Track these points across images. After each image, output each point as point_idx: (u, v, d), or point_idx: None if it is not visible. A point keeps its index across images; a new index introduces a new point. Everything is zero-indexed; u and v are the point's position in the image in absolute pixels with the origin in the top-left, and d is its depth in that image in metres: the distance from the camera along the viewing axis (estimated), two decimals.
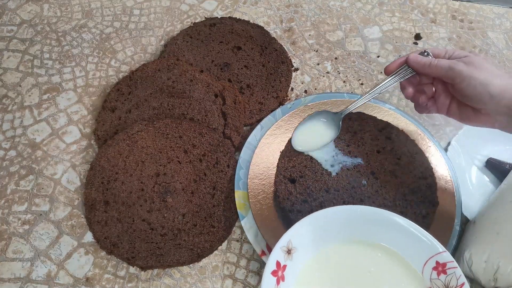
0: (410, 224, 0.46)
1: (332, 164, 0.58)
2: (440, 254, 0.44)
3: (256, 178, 0.57)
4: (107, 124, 0.63)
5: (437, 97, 0.51)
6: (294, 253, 0.45)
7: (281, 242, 0.44)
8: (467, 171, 0.61)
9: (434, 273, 0.44)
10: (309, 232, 0.46)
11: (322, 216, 0.46)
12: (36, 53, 0.72)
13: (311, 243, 0.46)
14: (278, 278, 0.43)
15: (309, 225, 0.46)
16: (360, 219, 0.47)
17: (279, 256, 0.44)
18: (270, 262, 0.43)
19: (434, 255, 0.44)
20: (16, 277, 0.53)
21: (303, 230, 0.46)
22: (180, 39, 0.72)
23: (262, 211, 0.55)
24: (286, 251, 0.45)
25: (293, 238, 0.45)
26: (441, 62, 0.48)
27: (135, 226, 0.55)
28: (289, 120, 0.62)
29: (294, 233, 0.45)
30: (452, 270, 0.43)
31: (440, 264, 0.43)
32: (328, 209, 0.47)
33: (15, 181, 0.60)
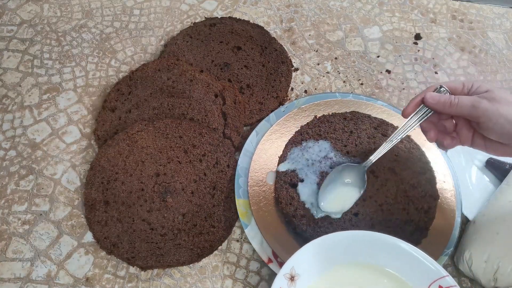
0: (413, 249, 0.46)
1: (331, 166, 0.58)
2: (443, 278, 0.44)
3: (256, 185, 0.57)
4: (107, 124, 0.63)
5: (459, 130, 0.48)
6: (297, 280, 0.45)
7: (284, 269, 0.44)
8: (467, 171, 0.61)
9: None
10: (312, 258, 0.46)
11: (325, 242, 0.46)
12: (36, 53, 0.72)
13: (314, 268, 0.46)
14: None
15: (312, 251, 0.46)
16: (363, 244, 0.47)
17: (283, 283, 0.44)
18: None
19: (437, 279, 0.44)
20: (16, 277, 0.53)
21: (306, 256, 0.46)
22: (180, 39, 0.72)
23: (265, 218, 0.55)
24: (289, 278, 0.45)
25: (296, 265, 0.45)
26: (463, 101, 0.44)
27: (135, 226, 0.55)
28: (283, 124, 0.62)
29: (297, 260, 0.45)
30: None
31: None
32: (331, 234, 0.47)
33: (15, 181, 0.60)
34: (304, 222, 0.53)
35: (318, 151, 0.59)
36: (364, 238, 0.47)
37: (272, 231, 0.54)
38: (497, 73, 0.72)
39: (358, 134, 0.60)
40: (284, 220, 0.55)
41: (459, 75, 0.72)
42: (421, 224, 0.54)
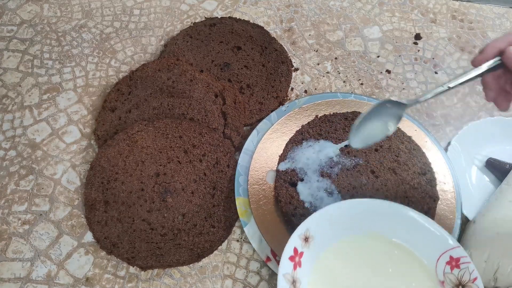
0: (425, 219, 0.46)
1: (331, 165, 0.58)
2: (454, 249, 0.45)
3: (256, 183, 0.57)
4: (107, 124, 0.63)
5: None
6: (311, 242, 0.46)
7: (299, 230, 0.45)
8: (467, 171, 0.61)
9: (448, 268, 0.45)
10: (327, 223, 0.47)
11: (340, 208, 0.47)
12: (36, 53, 0.72)
13: (328, 233, 0.47)
14: (295, 263, 0.44)
15: (327, 216, 0.47)
16: (377, 212, 0.47)
17: (297, 243, 0.45)
18: (288, 248, 0.44)
19: (448, 250, 0.45)
20: (16, 277, 0.53)
21: (321, 221, 0.47)
22: (180, 39, 0.72)
23: (264, 216, 0.55)
24: (303, 238, 0.46)
25: (310, 227, 0.46)
26: None
27: (135, 226, 0.55)
28: (285, 123, 0.62)
29: (312, 223, 0.46)
30: (466, 265, 0.44)
31: (453, 259, 0.44)
32: (346, 201, 0.48)
33: (15, 181, 0.60)
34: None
35: (319, 151, 0.59)
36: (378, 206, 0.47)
37: (271, 229, 0.54)
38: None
39: None
40: (284, 219, 0.55)
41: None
42: None
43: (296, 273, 0.44)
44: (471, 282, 0.43)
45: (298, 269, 0.44)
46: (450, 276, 0.44)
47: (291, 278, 0.43)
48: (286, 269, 0.43)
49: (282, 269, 0.43)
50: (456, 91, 0.70)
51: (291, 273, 0.44)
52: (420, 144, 0.60)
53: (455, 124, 0.66)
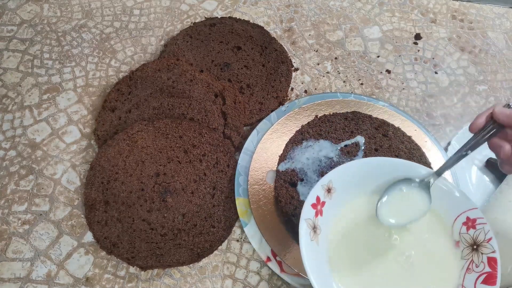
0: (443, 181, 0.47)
1: (331, 165, 0.58)
2: (472, 210, 0.45)
3: (256, 184, 0.57)
4: (107, 124, 0.63)
5: None
6: (334, 193, 0.47)
7: (323, 180, 0.46)
8: (467, 171, 0.61)
9: (464, 228, 0.45)
10: (350, 178, 0.47)
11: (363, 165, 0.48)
12: (36, 53, 0.72)
13: (350, 189, 0.48)
14: (317, 211, 0.45)
15: (351, 171, 0.47)
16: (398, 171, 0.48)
17: (320, 192, 0.46)
18: (311, 196, 0.45)
19: (466, 211, 0.45)
20: (16, 277, 0.53)
21: (344, 174, 0.47)
22: (180, 39, 0.72)
23: (264, 217, 0.55)
24: (326, 189, 0.46)
25: (334, 179, 0.47)
26: None
27: (135, 226, 0.55)
28: (284, 123, 0.62)
29: (335, 175, 0.47)
30: (481, 226, 0.44)
31: (470, 220, 0.45)
32: (369, 158, 0.49)
33: (15, 181, 0.60)
34: None
35: (319, 151, 0.59)
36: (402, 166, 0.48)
37: (271, 230, 0.54)
38: (497, 73, 0.72)
39: (359, 134, 0.60)
40: (284, 219, 0.55)
41: (459, 75, 0.72)
42: None
43: (317, 220, 0.45)
44: (486, 242, 0.43)
45: (320, 217, 0.45)
46: (465, 236, 0.45)
47: (312, 223, 0.44)
48: (308, 215, 0.44)
49: (304, 215, 0.44)
50: (456, 91, 0.70)
51: (313, 219, 0.45)
52: (420, 144, 0.60)
53: (455, 124, 0.66)
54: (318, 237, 0.44)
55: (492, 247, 0.43)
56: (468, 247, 0.44)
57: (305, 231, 0.43)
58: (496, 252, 0.43)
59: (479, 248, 0.44)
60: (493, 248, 0.43)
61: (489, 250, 0.43)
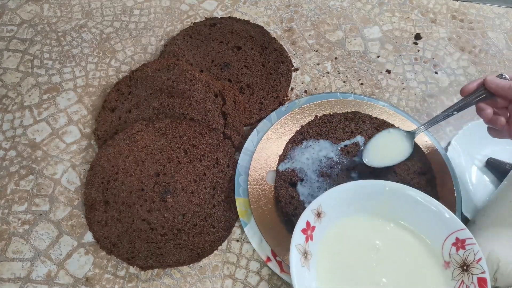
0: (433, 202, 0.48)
1: (331, 165, 0.58)
2: (461, 230, 0.46)
3: (256, 184, 0.57)
4: (107, 124, 0.63)
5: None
6: (323, 217, 0.47)
7: (312, 205, 0.47)
8: (467, 171, 0.61)
9: (453, 249, 0.46)
10: (338, 201, 0.48)
11: (351, 187, 0.49)
12: (36, 53, 0.72)
13: (339, 211, 0.48)
14: (307, 236, 0.46)
15: (339, 194, 0.48)
16: (386, 194, 0.49)
17: (310, 217, 0.46)
18: (301, 221, 0.46)
19: (455, 231, 0.46)
20: (16, 277, 0.53)
21: (333, 198, 0.48)
22: (180, 39, 0.72)
23: (264, 217, 0.55)
24: (316, 214, 0.47)
25: (323, 203, 0.47)
26: None
27: (135, 226, 0.55)
28: (284, 123, 0.62)
29: (325, 199, 0.47)
30: (471, 246, 0.45)
31: (459, 240, 0.45)
32: (357, 181, 0.50)
33: (15, 181, 0.60)
34: None
35: (319, 151, 0.59)
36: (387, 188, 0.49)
37: (271, 230, 0.54)
38: (497, 73, 0.72)
39: (359, 134, 0.60)
40: (284, 219, 0.55)
41: (459, 75, 0.72)
42: None
43: (308, 246, 0.45)
44: (475, 262, 0.44)
45: (310, 242, 0.46)
46: (455, 257, 0.45)
47: (303, 249, 0.45)
48: (298, 241, 0.45)
49: (295, 240, 0.44)
50: (456, 91, 0.70)
51: (303, 244, 0.45)
52: (420, 144, 0.60)
53: (455, 124, 0.66)
54: (309, 262, 0.45)
55: (482, 267, 0.43)
56: (458, 267, 0.45)
57: (295, 257, 0.44)
58: (485, 273, 0.43)
59: (469, 269, 0.44)
60: (483, 269, 0.43)
61: (479, 271, 0.43)
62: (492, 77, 0.49)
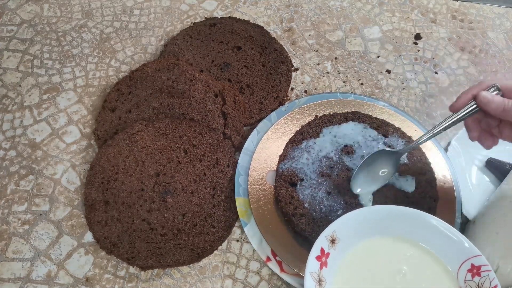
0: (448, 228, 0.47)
1: (331, 165, 0.58)
2: (476, 257, 0.45)
3: (256, 184, 0.57)
4: (107, 124, 0.63)
5: (503, 128, 0.47)
6: (338, 243, 0.47)
7: (326, 232, 0.46)
8: (467, 171, 0.61)
9: (469, 275, 0.45)
10: (353, 226, 0.48)
11: (366, 212, 0.48)
12: (36, 53, 0.72)
13: (354, 236, 0.48)
14: (322, 263, 0.45)
15: (353, 220, 0.48)
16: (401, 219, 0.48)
17: (324, 244, 0.46)
18: (315, 248, 0.45)
19: (470, 258, 0.45)
20: (16, 277, 0.53)
21: (348, 224, 0.47)
22: (180, 39, 0.72)
23: (264, 216, 0.55)
24: (330, 240, 0.46)
25: (338, 229, 0.47)
26: None
27: (135, 226, 0.55)
28: (284, 123, 0.62)
29: (339, 225, 0.47)
30: (486, 273, 0.44)
31: (475, 267, 0.45)
32: (372, 206, 0.50)
33: (15, 181, 0.60)
34: (303, 221, 0.53)
35: (319, 151, 0.59)
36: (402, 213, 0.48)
37: (271, 230, 0.54)
38: (497, 73, 0.72)
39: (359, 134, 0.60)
40: (284, 219, 0.55)
41: (459, 75, 0.72)
42: None
43: (322, 273, 0.45)
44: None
45: (324, 269, 0.45)
46: (470, 284, 0.45)
47: (317, 276, 0.44)
48: (312, 268, 0.44)
49: (309, 268, 0.44)
50: (457, 91, 0.70)
51: (318, 272, 0.45)
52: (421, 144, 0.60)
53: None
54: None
55: None
56: None
57: (310, 284, 0.43)
58: None
59: None
60: None
61: None
62: (485, 95, 0.45)
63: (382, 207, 0.49)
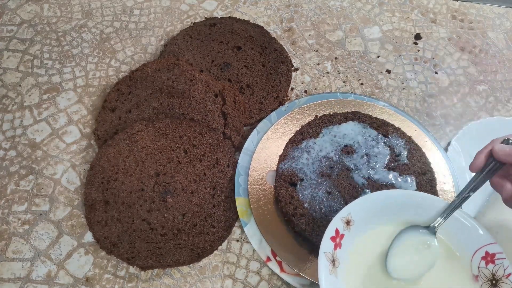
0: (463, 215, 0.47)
1: (331, 165, 0.58)
2: (491, 244, 0.45)
3: (256, 184, 0.57)
4: (107, 124, 0.63)
5: None
6: (352, 226, 0.47)
7: (342, 213, 0.46)
8: (467, 171, 0.61)
9: (483, 262, 0.45)
10: (368, 209, 0.48)
11: (381, 197, 0.48)
12: (36, 53, 0.72)
13: (368, 220, 0.48)
14: (336, 244, 0.45)
15: (368, 203, 0.48)
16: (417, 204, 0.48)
17: (339, 225, 0.46)
18: (330, 228, 0.45)
19: (485, 245, 0.45)
20: (16, 277, 0.53)
21: (363, 206, 0.47)
22: (180, 39, 0.72)
23: (264, 216, 0.55)
24: (345, 221, 0.46)
25: (353, 212, 0.47)
26: None
27: (135, 226, 0.55)
28: (284, 123, 0.62)
29: (354, 207, 0.47)
30: (501, 261, 0.44)
31: (489, 254, 0.45)
32: (387, 191, 0.49)
33: (15, 181, 0.60)
34: (303, 221, 0.53)
35: (319, 151, 0.59)
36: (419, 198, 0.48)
37: (271, 230, 0.54)
38: (497, 73, 0.73)
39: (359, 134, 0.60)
40: (283, 219, 0.55)
41: (459, 75, 0.72)
42: None
43: (336, 253, 0.45)
44: (505, 277, 0.43)
45: (338, 250, 0.45)
46: (484, 271, 0.45)
47: (331, 256, 0.44)
48: (327, 248, 0.44)
49: (323, 248, 0.44)
50: (456, 91, 0.70)
51: (332, 252, 0.45)
52: (420, 144, 0.60)
53: (455, 124, 0.66)
54: (336, 270, 0.44)
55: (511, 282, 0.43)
56: (487, 282, 0.44)
57: (324, 264, 0.43)
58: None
59: (498, 284, 0.43)
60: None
61: (509, 286, 0.43)
62: (500, 146, 0.43)
63: (398, 191, 0.49)
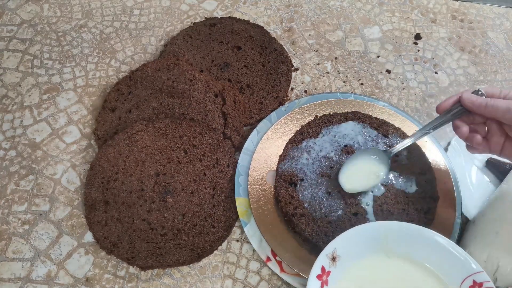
0: (450, 243, 0.47)
1: (331, 165, 0.58)
2: (478, 273, 0.45)
3: (256, 184, 0.57)
4: (107, 124, 0.63)
5: (490, 136, 0.48)
6: (338, 261, 0.47)
7: (327, 250, 0.46)
8: (467, 171, 0.61)
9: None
10: (354, 243, 0.48)
11: (366, 229, 0.48)
12: (36, 53, 0.72)
13: (354, 254, 0.48)
14: (323, 282, 0.45)
15: (354, 237, 0.48)
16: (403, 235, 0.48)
17: (324, 262, 0.46)
18: (316, 266, 0.45)
19: (471, 274, 0.45)
20: (16, 277, 0.53)
21: (348, 241, 0.47)
22: (180, 39, 0.72)
23: (264, 216, 0.55)
24: (331, 258, 0.46)
25: (338, 247, 0.47)
26: (499, 103, 0.45)
27: (135, 226, 0.55)
28: (284, 123, 0.62)
29: (339, 242, 0.47)
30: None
31: (477, 283, 0.45)
32: (372, 223, 0.49)
33: (15, 181, 0.60)
34: (303, 221, 0.53)
35: (319, 151, 0.59)
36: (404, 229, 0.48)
37: (271, 230, 0.54)
38: (497, 73, 0.73)
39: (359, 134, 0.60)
40: (283, 219, 0.55)
41: (459, 75, 0.72)
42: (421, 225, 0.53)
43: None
44: None
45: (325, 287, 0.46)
46: None
47: None
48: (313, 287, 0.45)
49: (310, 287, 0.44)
50: (456, 91, 0.70)
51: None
52: (420, 144, 0.60)
53: None
54: None
55: None
56: None
57: None
58: None
59: None
60: None
61: None
62: (467, 95, 0.48)
63: (383, 223, 0.49)
